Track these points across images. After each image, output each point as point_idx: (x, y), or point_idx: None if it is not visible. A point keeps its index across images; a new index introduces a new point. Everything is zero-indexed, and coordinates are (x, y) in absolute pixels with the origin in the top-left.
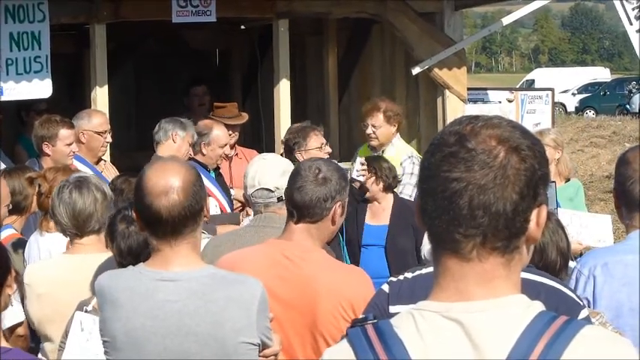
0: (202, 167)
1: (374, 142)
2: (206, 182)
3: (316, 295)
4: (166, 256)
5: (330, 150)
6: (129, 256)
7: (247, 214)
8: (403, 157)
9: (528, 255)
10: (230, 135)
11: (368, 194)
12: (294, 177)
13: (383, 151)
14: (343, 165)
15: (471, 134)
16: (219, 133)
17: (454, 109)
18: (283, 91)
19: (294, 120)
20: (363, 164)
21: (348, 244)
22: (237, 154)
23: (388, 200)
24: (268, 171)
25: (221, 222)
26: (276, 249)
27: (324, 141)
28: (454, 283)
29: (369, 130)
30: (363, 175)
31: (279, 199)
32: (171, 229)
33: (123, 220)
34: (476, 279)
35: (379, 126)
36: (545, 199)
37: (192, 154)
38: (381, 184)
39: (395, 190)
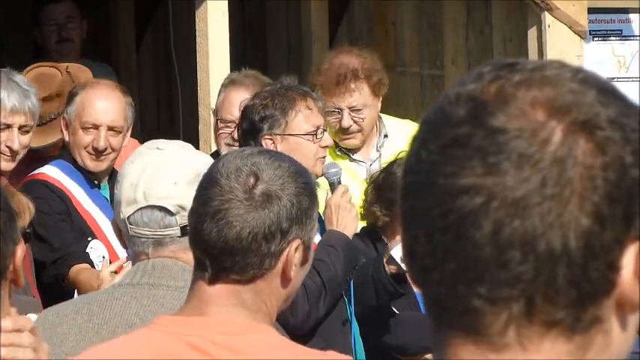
0: (83, 176)
1: (355, 141)
2: (89, 207)
3: None
4: None
5: (330, 142)
6: None
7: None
8: None
9: (627, 331)
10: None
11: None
12: (204, 190)
13: (379, 155)
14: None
15: (498, 99)
16: (91, 97)
17: (561, 50)
18: (215, 14)
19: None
20: None
21: None
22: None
23: None
24: (165, 173)
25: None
26: (177, 337)
27: (322, 122)
28: None
29: (347, 122)
30: None
31: (185, 231)
32: None
33: None
34: None
35: (364, 106)
36: None
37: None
38: None
39: None
